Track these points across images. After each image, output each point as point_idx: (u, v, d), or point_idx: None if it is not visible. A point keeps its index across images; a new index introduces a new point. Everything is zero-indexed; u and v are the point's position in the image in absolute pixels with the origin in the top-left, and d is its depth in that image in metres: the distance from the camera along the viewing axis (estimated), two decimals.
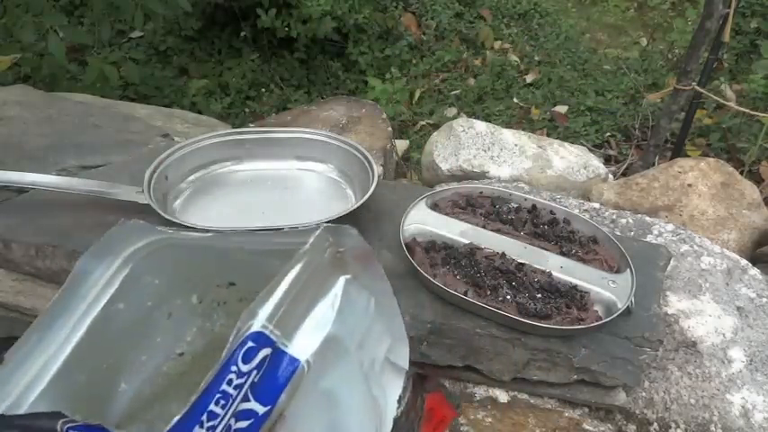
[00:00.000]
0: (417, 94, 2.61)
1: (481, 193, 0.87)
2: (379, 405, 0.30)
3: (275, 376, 0.23)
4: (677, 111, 1.68)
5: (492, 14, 3.01)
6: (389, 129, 1.32)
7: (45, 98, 1.17)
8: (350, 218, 0.74)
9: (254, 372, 0.22)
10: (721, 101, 1.80)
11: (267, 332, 0.23)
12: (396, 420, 0.31)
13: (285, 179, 0.90)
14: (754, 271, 0.91)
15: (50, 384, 0.30)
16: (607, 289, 0.71)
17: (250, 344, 0.22)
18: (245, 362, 0.22)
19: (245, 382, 0.22)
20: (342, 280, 0.27)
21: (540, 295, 0.71)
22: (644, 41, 2.87)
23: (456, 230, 0.78)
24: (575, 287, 0.72)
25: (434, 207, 0.83)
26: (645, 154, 1.81)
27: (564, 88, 2.53)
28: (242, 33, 2.64)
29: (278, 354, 0.23)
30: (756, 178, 1.79)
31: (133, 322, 0.45)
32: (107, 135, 1.04)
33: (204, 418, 0.21)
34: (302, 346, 0.24)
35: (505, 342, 0.69)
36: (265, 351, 0.23)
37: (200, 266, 0.43)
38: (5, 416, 0.26)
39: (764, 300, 0.85)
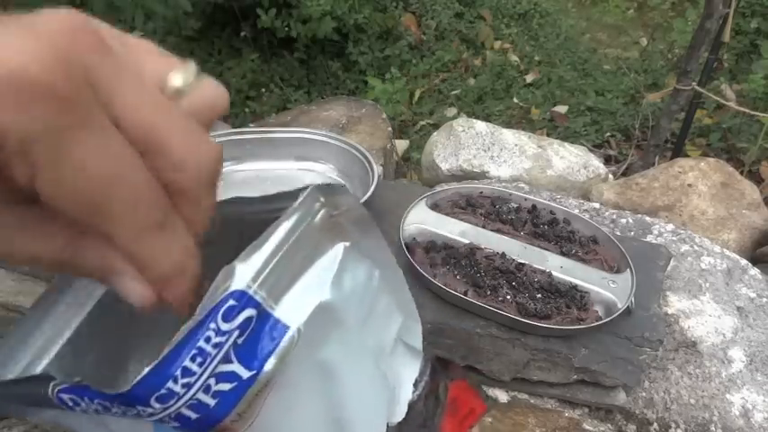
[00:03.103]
0: (417, 94, 2.61)
1: (481, 193, 0.87)
2: (389, 386, 0.29)
3: (261, 340, 0.22)
4: (677, 111, 1.68)
5: (492, 14, 3.01)
6: (389, 129, 1.32)
7: None
8: None
9: (236, 332, 0.21)
10: (721, 101, 1.80)
11: (250, 292, 0.22)
12: (411, 405, 0.29)
13: (285, 179, 0.90)
14: (754, 271, 0.91)
15: (56, 357, 0.30)
16: (607, 289, 0.71)
17: (231, 302, 0.21)
18: (226, 320, 0.21)
19: (226, 341, 0.21)
20: (340, 246, 0.25)
21: (540, 295, 0.71)
22: (644, 41, 2.87)
23: (456, 230, 0.78)
24: (575, 287, 0.72)
25: (434, 207, 0.83)
26: (645, 154, 1.82)
27: (564, 88, 2.53)
28: (242, 33, 2.64)
29: (264, 316, 0.22)
30: (756, 178, 1.79)
31: None
32: None
33: (179, 373, 0.20)
34: (292, 311, 0.23)
35: (505, 342, 0.69)
36: (249, 311, 0.22)
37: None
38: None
39: (764, 300, 0.85)
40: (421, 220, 0.79)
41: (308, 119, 1.33)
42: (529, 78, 2.63)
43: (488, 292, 0.70)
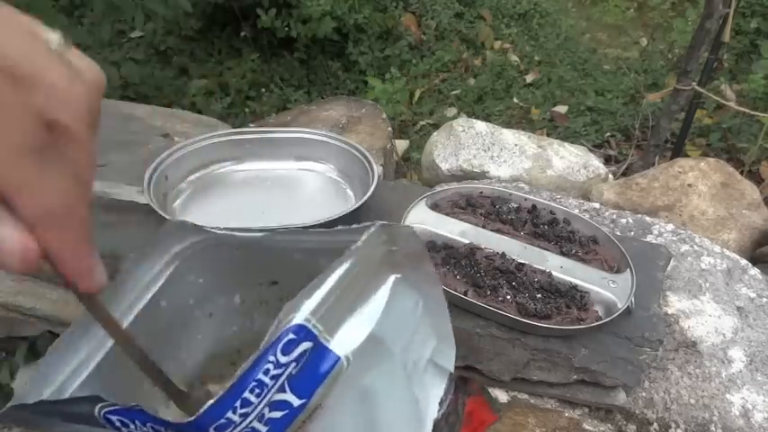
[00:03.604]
0: (417, 94, 2.61)
1: (481, 193, 0.87)
2: (419, 407, 0.29)
3: (314, 370, 0.23)
4: (677, 111, 1.68)
5: (492, 14, 3.01)
6: (389, 129, 1.32)
7: None
8: (350, 218, 0.74)
9: (293, 364, 0.22)
10: (721, 101, 1.80)
11: (309, 326, 0.23)
12: (436, 423, 0.30)
13: (285, 179, 0.90)
14: (754, 271, 0.91)
15: (91, 375, 0.30)
16: (607, 289, 0.71)
17: (291, 336, 0.22)
18: (285, 353, 0.22)
19: (283, 373, 0.22)
20: (391, 278, 0.26)
21: (540, 295, 0.71)
22: (644, 41, 2.87)
23: (456, 230, 0.78)
24: (575, 287, 0.72)
25: (434, 207, 0.83)
26: (645, 154, 1.82)
27: (564, 88, 2.53)
28: (242, 33, 2.64)
29: (319, 348, 0.23)
30: (756, 178, 1.79)
31: (174, 320, 0.45)
32: (107, 135, 1.03)
33: (238, 404, 0.21)
34: (344, 342, 0.24)
35: (505, 342, 0.69)
36: (306, 345, 0.23)
37: (245, 265, 0.42)
38: (46, 401, 0.27)
39: (764, 300, 0.85)
40: (421, 220, 0.79)
41: (308, 119, 1.33)
42: (529, 78, 2.63)
43: (488, 292, 0.70)
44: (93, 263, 0.21)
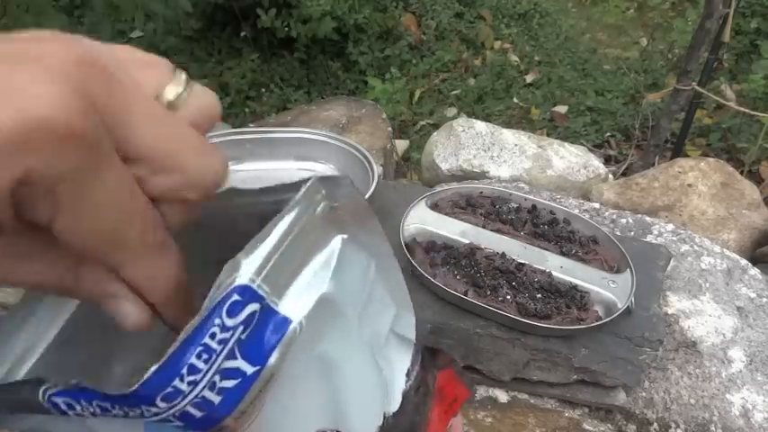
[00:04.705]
0: (417, 94, 2.61)
1: (481, 193, 0.87)
2: (384, 378, 0.29)
3: (265, 335, 0.22)
4: (677, 111, 1.68)
5: (492, 14, 3.01)
6: (389, 129, 1.32)
7: None
8: None
9: (241, 327, 0.21)
10: (721, 101, 1.80)
11: (254, 286, 0.22)
12: (405, 394, 0.29)
13: (285, 179, 0.90)
14: (754, 271, 0.91)
15: (39, 361, 0.29)
16: (607, 289, 0.71)
17: (235, 297, 0.21)
18: (230, 316, 0.21)
19: (231, 337, 0.21)
20: (338, 239, 0.25)
21: (540, 295, 0.71)
22: (644, 41, 2.87)
23: (456, 230, 0.78)
24: (575, 287, 0.72)
25: (434, 207, 0.83)
26: (645, 154, 1.82)
27: (564, 88, 2.53)
28: (242, 33, 2.64)
29: (267, 311, 0.22)
30: (756, 178, 1.79)
31: None
32: None
33: (185, 371, 0.20)
34: (294, 305, 0.23)
35: (505, 342, 0.69)
36: (253, 306, 0.22)
37: (202, 245, 0.41)
38: None
39: (764, 300, 0.85)
40: (421, 220, 0.79)
41: (308, 119, 1.33)
42: (529, 78, 2.63)
43: (488, 292, 0.70)
44: (190, 313, 0.22)
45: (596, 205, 1.01)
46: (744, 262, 0.92)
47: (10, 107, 0.15)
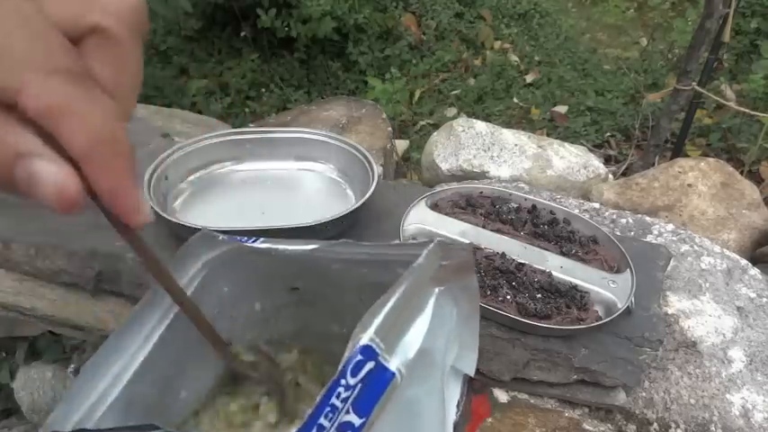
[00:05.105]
0: (417, 94, 2.61)
1: (481, 193, 0.87)
2: (446, 412, 0.30)
3: (374, 389, 0.23)
4: (677, 111, 1.68)
5: (492, 14, 3.01)
6: (389, 129, 1.32)
7: None
8: (350, 218, 0.74)
9: (359, 385, 0.23)
10: (721, 101, 1.80)
11: (374, 345, 0.23)
12: (455, 424, 0.31)
13: (285, 179, 0.90)
14: (754, 271, 0.91)
15: (119, 396, 0.30)
16: (607, 289, 0.71)
17: (359, 357, 0.22)
18: (353, 375, 0.22)
19: (351, 395, 0.23)
20: (435, 291, 0.27)
21: (540, 295, 0.71)
22: (644, 41, 2.87)
23: (456, 230, 0.78)
24: (575, 287, 0.72)
25: (434, 207, 0.83)
26: (645, 154, 1.82)
27: (564, 88, 2.53)
28: (242, 33, 2.64)
29: (379, 367, 0.24)
30: (756, 178, 1.79)
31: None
32: None
33: (314, 431, 0.21)
34: (399, 359, 0.24)
35: (505, 342, 0.69)
36: (370, 365, 0.23)
37: (270, 273, 0.42)
38: (87, 430, 0.27)
39: (764, 300, 0.85)
40: (421, 220, 0.79)
41: (308, 119, 1.33)
42: (529, 78, 2.63)
43: (488, 292, 0.70)
44: (139, 196, 0.19)
45: (596, 205, 1.01)
46: (744, 262, 0.92)
47: None
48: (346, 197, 0.87)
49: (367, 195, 0.77)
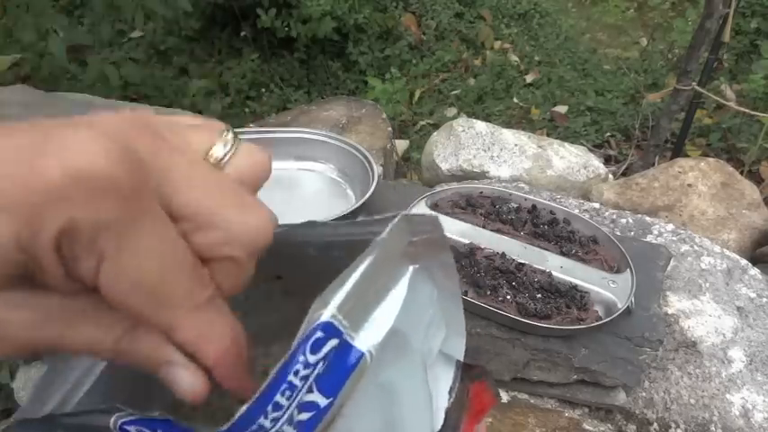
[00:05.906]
0: (417, 94, 2.61)
1: (481, 193, 0.87)
2: (432, 398, 0.29)
3: (339, 368, 0.23)
4: (677, 111, 1.68)
5: (492, 14, 3.01)
6: (389, 129, 1.32)
7: (45, 98, 1.17)
8: (350, 218, 0.74)
9: (321, 363, 0.22)
10: (721, 101, 1.80)
11: (336, 322, 0.22)
12: (447, 412, 0.30)
13: (285, 179, 0.90)
14: (754, 271, 0.91)
15: (96, 383, 0.30)
16: (607, 289, 0.71)
17: (319, 334, 0.22)
18: (313, 352, 0.21)
19: (311, 373, 0.22)
20: (410, 269, 0.26)
21: (540, 295, 0.71)
22: (644, 41, 2.87)
23: (456, 230, 0.78)
24: (575, 287, 0.72)
25: (434, 207, 0.83)
26: (645, 154, 1.81)
27: (564, 88, 2.53)
28: (242, 33, 2.64)
29: (344, 346, 0.23)
30: (756, 178, 1.79)
31: None
32: None
33: (270, 408, 0.21)
34: (367, 338, 0.23)
35: (505, 342, 0.69)
36: (332, 342, 0.22)
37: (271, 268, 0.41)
38: (56, 414, 0.26)
39: (764, 300, 0.85)
40: None
41: (308, 119, 1.33)
42: (529, 78, 2.62)
43: (488, 292, 0.70)
44: (254, 384, 0.22)
45: (596, 205, 1.01)
46: (744, 262, 0.92)
47: (57, 160, 0.16)
48: (346, 197, 0.87)
49: (367, 195, 0.77)
